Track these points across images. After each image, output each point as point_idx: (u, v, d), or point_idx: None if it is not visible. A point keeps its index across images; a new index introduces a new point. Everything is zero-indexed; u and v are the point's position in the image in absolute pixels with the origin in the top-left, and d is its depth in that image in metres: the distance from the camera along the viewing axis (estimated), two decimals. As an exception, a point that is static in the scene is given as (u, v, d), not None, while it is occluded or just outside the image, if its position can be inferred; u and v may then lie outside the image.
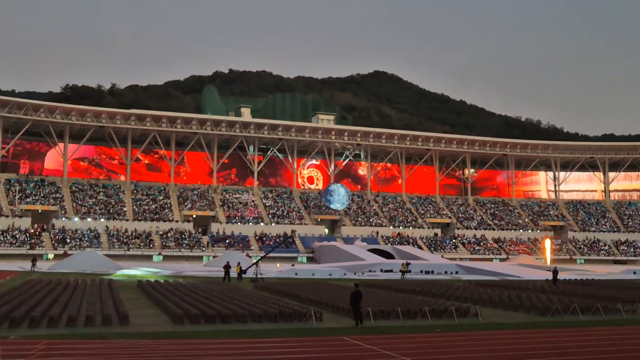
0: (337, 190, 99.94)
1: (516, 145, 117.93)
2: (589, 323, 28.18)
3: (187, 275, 56.32)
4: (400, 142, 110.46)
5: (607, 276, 66.12)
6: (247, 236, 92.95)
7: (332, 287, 43.49)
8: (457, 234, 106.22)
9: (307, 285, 44.89)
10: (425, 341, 22.85)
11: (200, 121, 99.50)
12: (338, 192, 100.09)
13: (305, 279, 55.93)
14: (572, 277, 59.85)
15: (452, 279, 60.53)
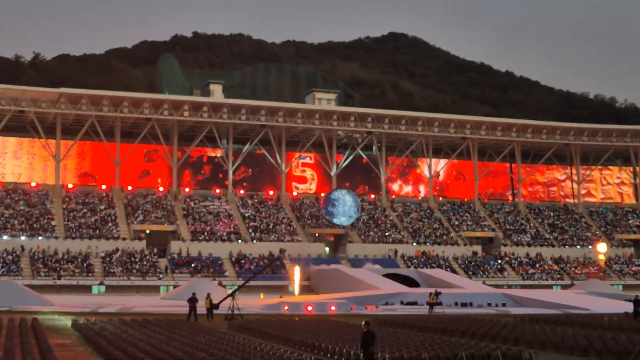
0: (341, 198, 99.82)
1: (582, 131, 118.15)
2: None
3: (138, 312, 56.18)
4: (426, 129, 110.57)
5: None
6: (220, 258, 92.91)
7: (335, 326, 43.41)
8: (503, 253, 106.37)
9: (301, 324, 44.80)
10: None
11: (154, 103, 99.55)
12: (343, 202, 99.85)
13: (298, 315, 55.82)
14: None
15: (497, 314, 60.48)
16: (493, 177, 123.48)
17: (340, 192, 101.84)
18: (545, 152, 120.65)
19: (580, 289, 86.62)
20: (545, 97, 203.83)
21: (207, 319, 50.75)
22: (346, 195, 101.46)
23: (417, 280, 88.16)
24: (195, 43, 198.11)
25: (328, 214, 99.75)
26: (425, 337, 37.12)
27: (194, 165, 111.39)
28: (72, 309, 59.70)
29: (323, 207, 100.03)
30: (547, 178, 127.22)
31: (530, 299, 71.93)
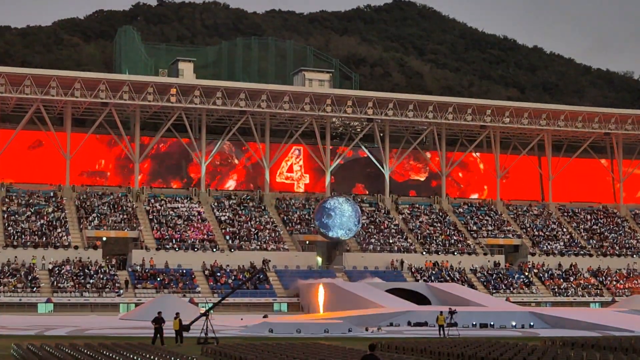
0: (338, 208, 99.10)
1: (626, 118, 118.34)
2: None
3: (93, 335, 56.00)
4: (439, 116, 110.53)
5: None
6: (191, 270, 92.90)
7: (330, 351, 43.37)
8: (531, 264, 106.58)
9: (288, 348, 44.75)
10: None
11: (112, 85, 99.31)
12: (341, 212, 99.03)
13: (285, 338, 55.78)
14: None
15: (524, 336, 60.53)
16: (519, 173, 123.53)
17: (337, 200, 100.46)
18: (581, 143, 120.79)
19: (622, 306, 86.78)
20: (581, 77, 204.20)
21: (175, 343, 50.56)
22: (344, 203, 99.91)
23: (427, 297, 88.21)
24: (160, 13, 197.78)
25: (322, 227, 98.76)
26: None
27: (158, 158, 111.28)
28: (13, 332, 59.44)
29: (316, 219, 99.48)
30: (583, 174, 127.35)
31: (563, 319, 72.01)
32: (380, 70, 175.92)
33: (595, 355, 41.51)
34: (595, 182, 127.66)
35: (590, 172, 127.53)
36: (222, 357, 42.15)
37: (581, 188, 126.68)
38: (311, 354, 41.50)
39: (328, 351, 43.30)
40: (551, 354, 41.28)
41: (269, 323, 65.20)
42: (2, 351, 44.88)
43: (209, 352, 44.78)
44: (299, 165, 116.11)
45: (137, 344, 46.52)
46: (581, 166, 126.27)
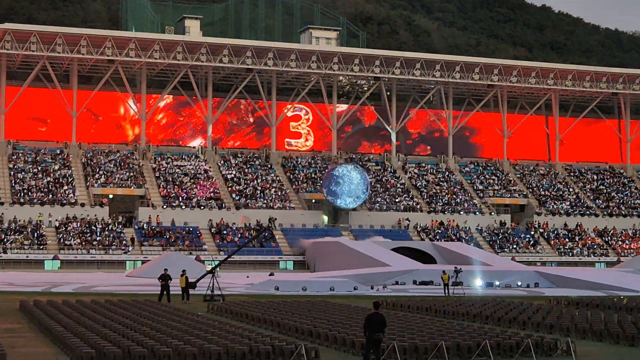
0: (347, 175, 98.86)
1: (634, 78, 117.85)
2: None
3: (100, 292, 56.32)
4: (446, 75, 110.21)
5: None
6: (197, 228, 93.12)
7: (335, 309, 43.57)
8: (537, 223, 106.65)
9: (294, 306, 44.95)
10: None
11: (118, 42, 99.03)
12: (349, 179, 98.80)
13: (291, 296, 56.00)
14: None
15: (529, 296, 60.75)
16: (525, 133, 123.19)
17: (346, 168, 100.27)
18: (588, 103, 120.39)
19: (628, 266, 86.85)
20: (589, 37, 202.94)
21: (182, 300, 50.87)
22: (352, 171, 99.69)
23: (433, 256, 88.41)
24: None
25: (330, 194, 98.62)
26: (443, 322, 37.27)
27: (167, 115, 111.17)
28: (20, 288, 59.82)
29: (324, 186, 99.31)
30: (591, 135, 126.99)
31: (569, 279, 72.24)
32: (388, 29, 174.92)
33: (600, 314, 41.71)
34: (602, 143, 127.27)
35: (597, 132, 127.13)
36: (228, 315, 42.37)
37: (588, 148, 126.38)
38: (317, 311, 41.72)
39: (333, 309, 43.53)
40: (556, 313, 41.46)
41: (275, 281, 65.46)
42: (10, 307, 45.18)
43: (215, 309, 45.01)
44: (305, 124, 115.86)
45: (143, 301, 46.78)
46: (588, 126, 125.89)
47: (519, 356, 29.10)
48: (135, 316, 38.19)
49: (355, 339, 29.71)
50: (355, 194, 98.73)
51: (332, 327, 33.63)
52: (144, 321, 35.73)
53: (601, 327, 35.36)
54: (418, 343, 29.21)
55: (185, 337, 29.86)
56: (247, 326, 36.07)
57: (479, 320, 40.64)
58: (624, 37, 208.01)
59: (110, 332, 31.54)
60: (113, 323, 34.73)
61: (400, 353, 27.92)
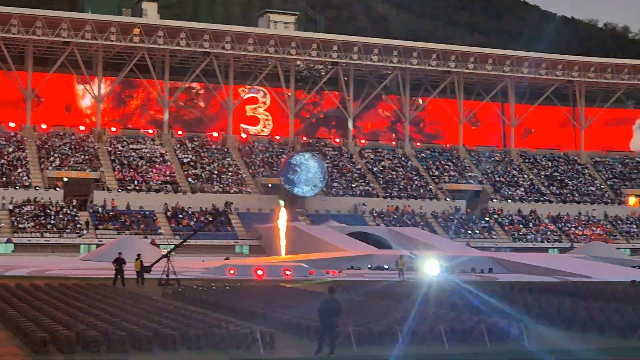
0: (304, 164, 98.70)
1: (588, 66, 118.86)
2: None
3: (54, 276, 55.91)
4: (403, 61, 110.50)
5: None
6: (153, 212, 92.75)
7: (291, 293, 43.62)
8: (492, 209, 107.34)
9: (250, 291, 44.96)
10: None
11: (74, 24, 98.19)
12: (306, 168, 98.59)
13: (247, 280, 56.02)
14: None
15: (483, 281, 61.16)
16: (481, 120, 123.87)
17: (303, 156, 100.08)
18: (543, 90, 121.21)
19: (581, 253, 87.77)
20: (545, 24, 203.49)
21: (136, 284, 50.69)
22: (310, 159, 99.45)
23: (388, 241, 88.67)
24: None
25: (287, 182, 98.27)
26: (398, 307, 37.41)
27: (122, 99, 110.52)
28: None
29: (281, 174, 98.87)
30: (545, 121, 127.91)
31: (522, 264, 72.77)
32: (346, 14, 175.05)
33: (553, 300, 42.05)
34: (556, 129, 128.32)
35: (552, 119, 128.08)
36: (183, 298, 42.29)
37: (543, 135, 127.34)
38: (272, 296, 41.74)
39: (289, 293, 43.58)
40: (509, 298, 41.73)
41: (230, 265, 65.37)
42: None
43: (170, 293, 44.92)
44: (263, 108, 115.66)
45: (98, 285, 46.59)
46: (543, 113, 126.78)
47: (472, 341, 29.28)
48: (89, 300, 38.00)
49: (311, 324, 29.76)
50: (313, 183, 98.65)
51: (287, 311, 33.66)
52: (98, 305, 35.57)
53: (554, 312, 35.66)
54: (373, 327, 29.32)
55: (139, 321, 29.77)
56: (202, 310, 36.01)
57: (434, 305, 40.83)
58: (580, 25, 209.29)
59: (64, 316, 31.37)
60: (67, 307, 34.52)
61: (355, 337, 28.01)
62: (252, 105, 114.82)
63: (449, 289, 46.55)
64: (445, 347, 28.08)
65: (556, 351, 28.16)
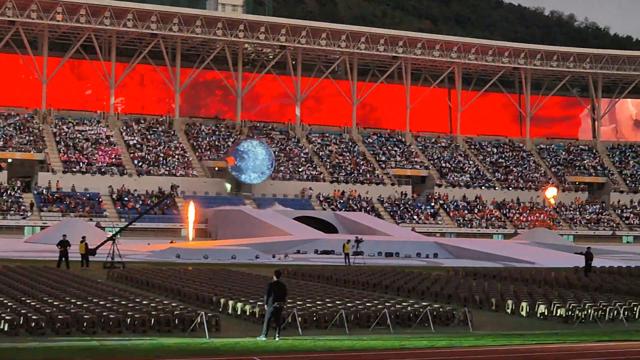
0: (252, 151, 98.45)
1: (535, 53, 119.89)
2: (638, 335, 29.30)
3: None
4: (351, 45, 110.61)
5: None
6: (98, 194, 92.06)
7: (237, 277, 43.65)
8: (437, 195, 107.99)
9: (195, 274, 44.91)
10: (384, 363, 23.28)
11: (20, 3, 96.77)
12: (254, 155, 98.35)
13: (192, 264, 55.91)
14: (613, 263, 61.74)
15: (428, 266, 61.59)
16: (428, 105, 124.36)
17: (251, 143, 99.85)
18: (490, 77, 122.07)
19: (524, 239, 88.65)
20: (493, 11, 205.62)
21: (81, 267, 50.42)
22: (258, 147, 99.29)
23: (334, 225, 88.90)
24: None
25: (235, 169, 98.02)
26: (343, 291, 37.59)
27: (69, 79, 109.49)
28: None
29: None
30: (492, 108, 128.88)
31: (467, 250, 73.35)
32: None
33: (497, 285, 42.52)
34: (502, 116, 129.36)
35: (498, 106, 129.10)
36: (128, 282, 42.15)
37: (489, 121, 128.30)
38: (218, 279, 41.73)
39: (235, 277, 43.60)
40: (454, 283, 42.14)
41: (176, 248, 65.25)
42: None
43: (115, 276, 44.74)
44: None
45: (42, 267, 46.28)
46: (490, 100, 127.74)
47: (417, 325, 29.50)
48: (33, 282, 37.75)
49: (256, 308, 29.81)
50: (260, 170, 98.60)
51: (233, 295, 33.69)
52: (42, 287, 35.37)
53: (498, 297, 36.08)
54: (318, 312, 29.44)
55: (84, 304, 29.63)
56: (147, 294, 35.92)
57: (379, 289, 41.09)
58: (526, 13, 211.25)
59: (7, 298, 31.17)
60: (10, 289, 34.29)
61: (301, 321, 28.11)
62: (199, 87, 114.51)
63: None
64: (391, 332, 28.24)
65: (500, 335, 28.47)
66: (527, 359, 24.30)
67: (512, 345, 26.52)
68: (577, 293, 38.51)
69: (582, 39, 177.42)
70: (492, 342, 26.99)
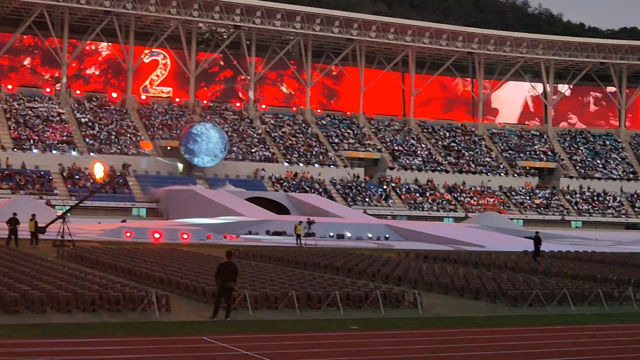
0: (205, 134, 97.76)
1: (488, 38, 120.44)
2: (584, 318, 29.75)
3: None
4: (306, 27, 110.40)
5: (614, 248, 69.45)
6: (49, 172, 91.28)
7: (188, 257, 43.58)
8: (390, 178, 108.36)
9: (146, 253, 44.76)
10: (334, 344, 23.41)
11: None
12: (207, 138, 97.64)
13: (143, 243, 55.72)
14: (562, 247, 62.48)
15: (379, 248, 61.88)
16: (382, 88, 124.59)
17: (204, 126, 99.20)
18: (444, 61, 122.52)
19: (475, 222, 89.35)
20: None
21: (30, 245, 50.01)
22: (211, 129, 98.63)
23: (286, 207, 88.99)
24: None
25: (188, 152, 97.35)
26: (294, 272, 37.67)
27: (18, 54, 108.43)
28: None
29: (182, 144, 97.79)
30: (445, 92, 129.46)
31: (418, 232, 73.77)
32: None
33: (446, 267, 42.85)
34: (456, 101, 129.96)
35: (451, 91, 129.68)
36: (78, 260, 41.92)
37: (442, 105, 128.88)
38: (169, 259, 41.64)
39: (186, 256, 43.52)
40: (404, 266, 42.39)
41: (127, 227, 64.98)
42: None
43: (65, 254, 44.46)
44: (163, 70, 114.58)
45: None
46: (443, 84, 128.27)
47: (367, 307, 29.67)
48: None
49: (207, 287, 29.81)
50: (213, 153, 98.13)
51: (183, 275, 33.65)
52: (-10, 265, 35.06)
53: (447, 280, 36.36)
54: (269, 292, 29.50)
55: (33, 282, 29.42)
56: (98, 272, 35.75)
57: (330, 271, 41.23)
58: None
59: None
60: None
61: (251, 302, 28.15)
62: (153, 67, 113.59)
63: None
64: (341, 313, 28.36)
65: (449, 318, 28.73)
66: (474, 342, 24.54)
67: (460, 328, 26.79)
68: (526, 276, 38.93)
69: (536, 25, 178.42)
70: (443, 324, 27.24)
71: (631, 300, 33.41)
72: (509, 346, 23.80)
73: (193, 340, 22.80)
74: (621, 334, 27.00)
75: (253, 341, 22.89)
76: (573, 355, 22.66)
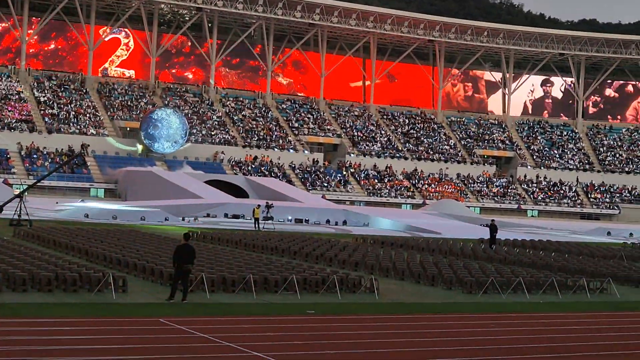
0: (166, 119, 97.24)
1: (449, 27, 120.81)
2: (538, 306, 29.98)
3: None
4: (268, 10, 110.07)
5: (569, 237, 70.10)
6: (7, 151, 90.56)
7: (145, 238, 43.42)
8: (349, 163, 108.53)
9: (103, 234, 44.54)
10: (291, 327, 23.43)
11: None
12: (168, 124, 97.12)
13: (101, 224, 55.43)
14: (518, 236, 62.96)
15: (336, 233, 62.03)
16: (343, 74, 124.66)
17: (165, 112, 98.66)
18: (405, 48, 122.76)
19: (432, 209, 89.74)
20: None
21: (-13, 224, 49.73)
22: (172, 115, 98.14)
23: (245, 190, 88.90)
24: None
25: (148, 137, 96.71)
26: (252, 256, 37.66)
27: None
28: None
29: (142, 129, 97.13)
30: (405, 79, 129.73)
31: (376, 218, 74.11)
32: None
33: (403, 254, 43.01)
34: (415, 88, 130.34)
35: (411, 78, 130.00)
36: (35, 240, 41.63)
37: (402, 92, 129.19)
38: (126, 240, 41.45)
39: (143, 239, 43.36)
40: (361, 251, 42.50)
41: (85, 208, 64.60)
42: None
43: (22, 234, 44.16)
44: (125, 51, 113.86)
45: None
46: (403, 71, 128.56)
47: (324, 292, 29.73)
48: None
49: (164, 269, 29.73)
50: (174, 139, 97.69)
51: (141, 256, 33.52)
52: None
53: (404, 266, 36.51)
54: (226, 275, 29.47)
55: (-12, 262, 29.18)
56: (54, 253, 35.51)
57: (287, 255, 41.26)
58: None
59: None
60: None
61: (209, 284, 28.12)
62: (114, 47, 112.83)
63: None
64: (298, 297, 28.41)
65: (405, 304, 28.86)
66: (429, 328, 24.69)
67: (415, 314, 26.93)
68: (481, 264, 39.20)
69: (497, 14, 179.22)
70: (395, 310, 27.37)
71: (584, 289, 33.74)
72: (464, 332, 23.96)
73: (150, 322, 22.73)
74: (574, 323, 27.30)
75: (210, 324, 22.88)
76: (526, 342, 22.85)
